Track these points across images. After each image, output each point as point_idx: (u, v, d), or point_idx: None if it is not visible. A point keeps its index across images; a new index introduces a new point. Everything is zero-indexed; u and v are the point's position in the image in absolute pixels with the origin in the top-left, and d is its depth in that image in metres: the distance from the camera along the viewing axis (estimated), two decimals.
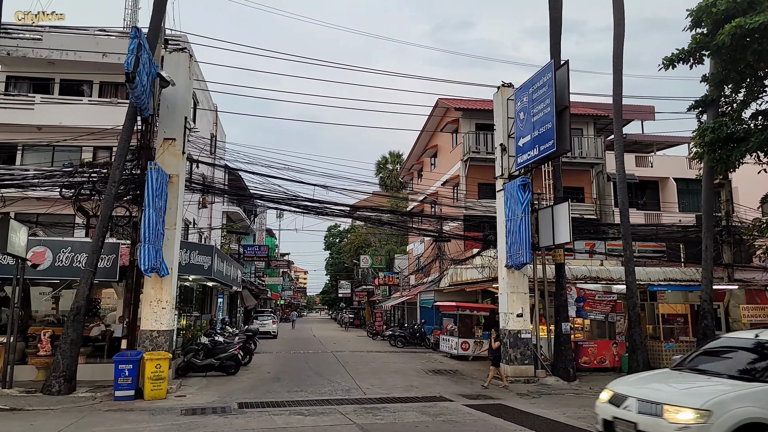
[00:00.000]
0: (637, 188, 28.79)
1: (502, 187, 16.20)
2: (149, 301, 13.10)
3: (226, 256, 20.48)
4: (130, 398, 11.91)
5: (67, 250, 13.83)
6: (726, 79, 16.09)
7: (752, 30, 13.40)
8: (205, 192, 17.06)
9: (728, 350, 7.56)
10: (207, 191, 17.03)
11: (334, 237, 70.47)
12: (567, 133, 14.04)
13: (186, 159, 14.26)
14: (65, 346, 12.34)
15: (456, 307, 21.33)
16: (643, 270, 19.14)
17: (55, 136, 19.56)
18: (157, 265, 12.47)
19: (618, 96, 17.83)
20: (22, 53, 20.30)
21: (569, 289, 16.63)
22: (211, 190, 17.87)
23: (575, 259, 20.25)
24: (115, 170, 12.84)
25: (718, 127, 15.57)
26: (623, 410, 6.64)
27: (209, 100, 28.12)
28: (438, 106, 28.79)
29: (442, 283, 25.32)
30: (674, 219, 25.46)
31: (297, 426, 9.59)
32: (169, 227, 13.32)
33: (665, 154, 31.84)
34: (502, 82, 16.96)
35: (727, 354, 7.48)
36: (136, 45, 11.31)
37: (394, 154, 48.40)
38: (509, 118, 16.54)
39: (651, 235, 22.20)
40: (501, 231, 16.10)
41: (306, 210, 17.30)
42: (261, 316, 33.54)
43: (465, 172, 26.24)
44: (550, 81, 14.28)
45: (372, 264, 42.73)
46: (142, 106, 12.58)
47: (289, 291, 78.09)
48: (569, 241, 14.99)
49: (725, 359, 7.34)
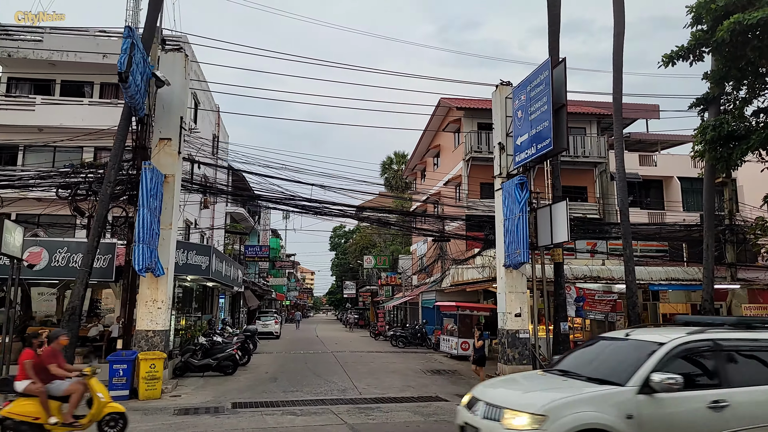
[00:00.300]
0: (641, 187, 28.60)
1: (500, 186, 16.10)
2: (145, 301, 13.10)
3: (225, 257, 20.49)
4: (124, 398, 11.91)
5: (63, 250, 13.87)
6: (726, 76, 15.93)
7: (751, 26, 13.24)
8: (202, 192, 17.03)
9: (598, 350, 7.03)
10: (204, 191, 17.01)
11: (339, 237, 70.53)
12: (564, 131, 13.92)
13: (182, 159, 14.23)
14: None
15: (456, 307, 21.25)
16: (645, 269, 19.00)
17: (56, 137, 19.64)
18: (152, 265, 12.47)
19: (618, 94, 17.64)
20: (23, 54, 20.41)
21: (568, 288, 16.52)
22: (209, 189, 17.86)
23: (576, 258, 20.12)
24: (110, 170, 12.85)
25: (719, 125, 15.42)
26: (472, 415, 6.20)
27: (211, 100, 28.17)
28: (440, 105, 28.72)
29: (444, 283, 25.24)
30: (678, 218, 25.26)
31: (287, 426, 9.56)
32: (165, 227, 13.32)
33: (669, 153, 31.59)
34: (501, 80, 16.86)
35: (596, 354, 6.94)
36: (129, 45, 11.31)
37: (399, 155, 48.34)
38: (507, 116, 16.44)
39: (653, 234, 22.01)
40: (499, 230, 16.00)
41: (304, 210, 17.26)
42: (264, 317, 33.58)
43: (467, 171, 26.15)
44: (547, 79, 14.17)
45: (375, 264, 42.69)
46: (136, 106, 12.58)
47: (294, 292, 78.21)
48: (567, 240, 14.88)
49: (592, 359, 6.79)
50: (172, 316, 16.08)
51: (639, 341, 6.48)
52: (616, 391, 5.70)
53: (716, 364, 6.05)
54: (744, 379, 5.98)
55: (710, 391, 5.81)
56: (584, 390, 5.87)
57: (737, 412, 5.69)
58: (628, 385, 5.71)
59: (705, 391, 5.81)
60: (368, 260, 43.34)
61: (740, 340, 6.33)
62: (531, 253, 15.60)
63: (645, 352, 6.05)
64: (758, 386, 5.94)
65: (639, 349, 6.22)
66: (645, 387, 5.65)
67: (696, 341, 6.18)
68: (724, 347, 6.15)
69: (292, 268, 74.93)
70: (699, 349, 6.17)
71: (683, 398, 5.71)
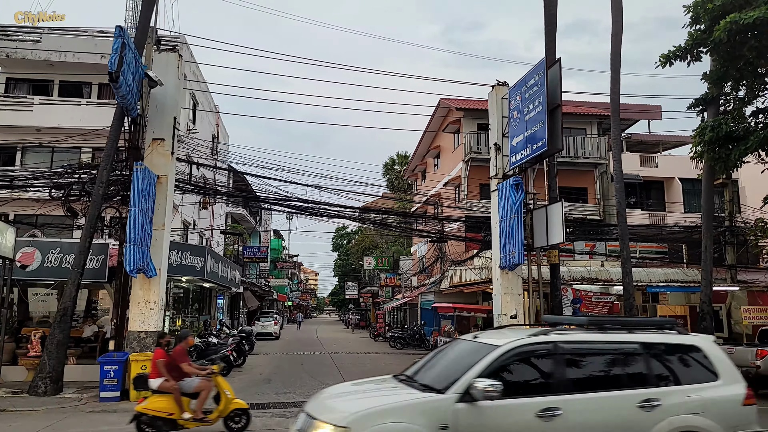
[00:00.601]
0: (642, 189, 28.43)
1: (496, 187, 16.00)
2: (137, 302, 13.04)
3: (221, 257, 20.47)
4: (116, 399, 11.88)
5: (56, 250, 13.85)
6: (725, 77, 15.80)
7: (748, 25, 13.12)
8: (197, 192, 17.01)
9: (447, 353, 6.41)
10: (200, 191, 16.98)
11: (341, 238, 70.48)
12: (559, 131, 13.83)
13: (175, 159, 14.19)
14: (51, 347, 12.33)
15: (453, 308, 21.16)
16: (644, 271, 18.87)
17: (54, 138, 19.67)
18: (143, 265, 12.42)
19: (615, 95, 17.55)
20: (21, 55, 20.47)
21: (565, 290, 16.42)
22: (205, 190, 17.83)
23: (575, 260, 20.02)
24: (102, 171, 12.84)
25: (717, 126, 15.30)
26: (293, 427, 5.71)
27: (210, 101, 28.18)
28: (440, 106, 28.65)
29: (443, 284, 25.16)
30: (680, 220, 25.08)
31: (275, 428, 9.50)
32: (158, 228, 13.26)
33: (671, 154, 31.37)
34: (497, 80, 16.77)
35: (442, 358, 6.34)
36: (120, 44, 11.27)
37: (402, 156, 48.32)
38: (503, 117, 16.35)
39: (653, 235, 21.87)
40: (495, 231, 15.90)
41: (300, 211, 17.21)
42: (263, 318, 33.58)
43: (466, 172, 26.07)
44: (542, 79, 14.07)
45: (376, 265, 42.63)
46: (128, 106, 12.55)
47: (297, 292, 78.22)
48: (563, 241, 14.79)
49: (436, 364, 6.22)
50: (166, 317, 16.08)
51: (479, 344, 5.91)
52: (432, 400, 5.22)
53: (554, 368, 5.55)
54: (584, 385, 5.54)
55: (542, 398, 5.28)
56: (402, 398, 5.40)
57: (570, 421, 5.19)
58: (448, 392, 5.20)
59: (536, 398, 5.29)
60: (369, 261, 43.29)
61: (586, 342, 5.84)
62: (527, 254, 15.51)
63: (479, 356, 5.53)
64: (597, 392, 5.46)
65: (474, 353, 5.68)
66: (466, 395, 5.12)
67: (534, 344, 5.64)
68: (566, 350, 5.64)
69: (294, 268, 74.93)
70: (536, 353, 5.64)
71: (510, 406, 5.22)
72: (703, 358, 5.81)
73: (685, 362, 5.84)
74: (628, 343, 5.81)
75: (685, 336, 6.10)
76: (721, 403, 5.60)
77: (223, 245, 31.54)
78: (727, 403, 5.63)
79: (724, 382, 5.70)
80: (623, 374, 5.64)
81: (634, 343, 5.78)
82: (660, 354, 5.79)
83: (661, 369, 5.71)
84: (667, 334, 6.02)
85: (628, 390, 5.47)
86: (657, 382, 5.58)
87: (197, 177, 22.16)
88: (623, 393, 5.46)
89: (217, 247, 29.22)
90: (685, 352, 5.87)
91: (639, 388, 5.49)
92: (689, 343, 5.95)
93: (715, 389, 5.64)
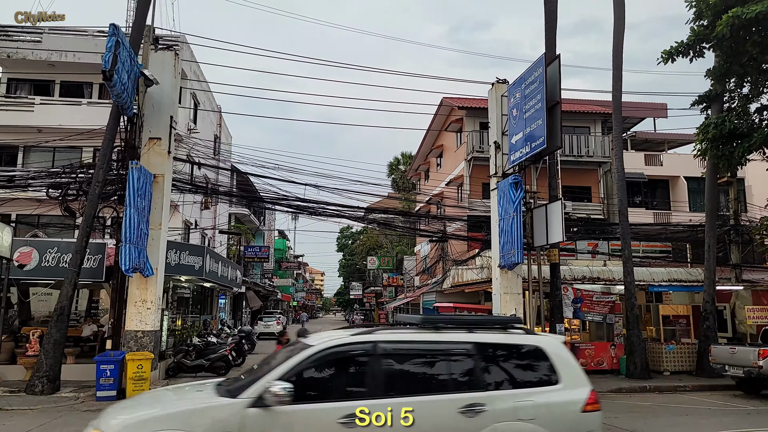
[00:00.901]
0: (646, 187, 28.19)
1: (495, 185, 15.87)
2: (134, 302, 13.02)
3: (221, 257, 20.43)
4: (112, 398, 11.83)
5: (53, 250, 13.84)
6: (728, 73, 15.61)
7: (751, 20, 12.94)
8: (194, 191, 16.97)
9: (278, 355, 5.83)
10: (197, 190, 16.95)
11: (346, 239, 70.43)
12: (558, 129, 13.68)
13: (172, 158, 14.15)
14: (48, 346, 12.32)
15: (453, 308, 21.02)
16: (647, 270, 18.64)
17: (55, 138, 19.69)
18: (140, 265, 12.38)
19: (617, 92, 17.39)
20: (22, 55, 20.52)
21: (565, 289, 16.24)
22: (201, 189, 17.79)
23: (577, 259, 19.81)
24: (99, 170, 12.81)
25: (720, 123, 15.11)
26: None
27: (212, 101, 28.17)
28: (443, 105, 28.52)
29: (445, 284, 25.01)
30: (685, 218, 24.82)
31: None
32: (155, 227, 13.23)
33: (676, 153, 31.09)
34: (497, 78, 16.63)
35: (271, 360, 5.82)
36: (114, 42, 11.25)
37: (407, 155, 48.24)
38: (503, 115, 16.21)
39: (656, 234, 21.64)
40: (494, 230, 15.76)
41: (299, 210, 17.14)
42: (266, 318, 33.55)
43: (469, 171, 25.92)
44: (541, 76, 13.91)
45: (379, 265, 42.54)
46: (124, 105, 12.52)
47: (302, 292, 78.24)
48: (562, 240, 14.63)
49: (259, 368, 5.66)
50: (165, 316, 16.05)
51: (299, 344, 5.52)
52: (219, 405, 4.84)
53: (371, 370, 5.09)
54: (403, 388, 5.08)
55: (349, 402, 4.86)
56: (189, 405, 5.04)
57: (376, 428, 4.78)
58: (240, 397, 4.81)
59: (341, 403, 4.86)
60: (372, 261, 43.19)
61: (410, 342, 5.40)
62: (527, 253, 15.36)
63: (289, 357, 5.19)
64: (415, 396, 4.99)
65: (288, 355, 5.29)
66: (259, 399, 4.73)
67: (350, 344, 5.19)
68: (387, 351, 5.17)
69: (299, 268, 74.95)
70: (352, 354, 5.19)
71: (309, 411, 4.83)
72: (545, 360, 5.37)
73: (523, 364, 5.45)
74: (460, 343, 5.36)
75: (528, 336, 5.68)
76: (557, 408, 5.19)
77: (226, 245, 31.54)
78: (563, 409, 5.23)
79: (565, 386, 5.29)
80: (449, 377, 5.22)
81: (467, 344, 5.32)
82: (496, 355, 5.39)
83: (495, 371, 5.31)
84: (509, 334, 5.59)
85: (452, 394, 5.05)
86: (486, 385, 5.16)
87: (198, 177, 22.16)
88: (445, 397, 5.03)
89: (220, 246, 29.22)
90: (526, 353, 5.47)
91: (466, 392, 5.07)
92: (531, 343, 5.52)
93: (553, 394, 5.22)
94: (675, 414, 11.08)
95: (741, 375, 13.04)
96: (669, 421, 10.38)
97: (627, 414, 10.90)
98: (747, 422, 10.32)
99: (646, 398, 13.13)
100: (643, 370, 15.48)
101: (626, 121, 29.63)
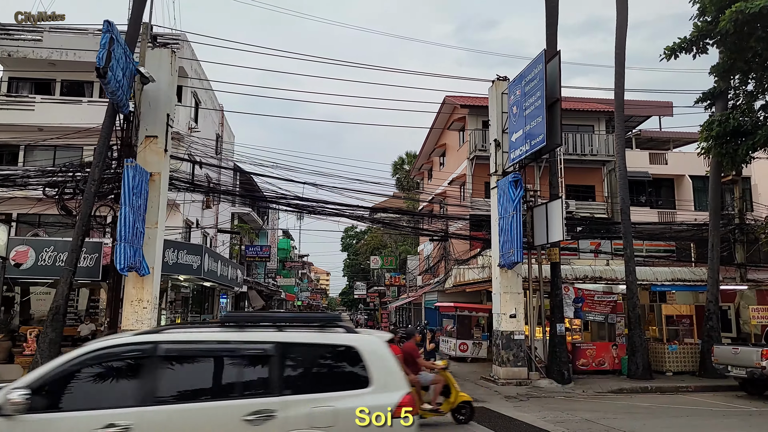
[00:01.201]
0: (651, 186, 27.93)
1: (495, 184, 15.72)
2: (130, 301, 12.92)
3: (220, 256, 20.36)
4: None
5: (49, 249, 13.81)
6: (732, 69, 15.37)
7: (755, 15, 12.70)
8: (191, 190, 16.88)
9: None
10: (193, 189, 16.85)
11: (350, 238, 70.32)
12: (558, 126, 13.52)
13: (169, 157, 14.07)
14: (44, 345, 12.20)
15: (454, 307, 20.88)
16: (650, 270, 18.44)
17: (56, 137, 19.67)
18: (135, 264, 12.29)
19: (620, 89, 17.22)
20: (23, 54, 20.50)
21: (566, 289, 16.07)
22: (202, 188, 17.71)
23: (579, 258, 19.63)
24: (95, 168, 12.70)
25: (724, 120, 14.91)
26: None
27: (214, 99, 28.11)
28: (445, 103, 28.36)
29: (447, 283, 24.84)
30: (690, 218, 24.56)
31: None
32: (151, 226, 13.13)
33: (681, 151, 30.79)
34: (497, 75, 16.48)
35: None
36: (108, 39, 11.17)
37: (411, 155, 48.06)
38: (503, 112, 16.06)
39: (659, 233, 21.40)
40: (494, 229, 15.61)
41: (297, 208, 17.04)
42: None
43: (471, 170, 25.72)
44: (540, 73, 13.76)
45: (382, 265, 42.37)
46: (119, 103, 12.41)
47: (306, 292, 78.20)
48: (562, 239, 14.48)
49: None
50: (163, 315, 16.00)
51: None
52: None
53: (147, 374, 4.63)
54: (181, 394, 4.63)
55: (110, 411, 4.40)
56: None
57: None
58: None
59: (101, 411, 4.39)
60: (375, 261, 43.03)
61: (198, 342, 4.92)
62: (527, 252, 15.21)
63: None
64: (194, 402, 4.60)
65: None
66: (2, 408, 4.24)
67: (124, 346, 4.73)
68: (169, 353, 4.71)
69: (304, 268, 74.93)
70: (125, 356, 4.72)
71: (58, 421, 4.36)
72: (357, 361, 4.91)
73: (333, 366, 5.05)
74: (258, 343, 4.89)
75: (344, 335, 5.12)
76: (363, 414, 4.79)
77: (229, 245, 31.48)
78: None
79: (376, 389, 4.81)
80: (240, 381, 4.77)
81: (266, 344, 4.85)
82: (301, 356, 4.97)
83: (298, 374, 4.92)
84: (322, 333, 5.10)
85: (240, 400, 4.61)
86: (283, 389, 4.71)
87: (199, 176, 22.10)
88: (230, 403, 4.60)
89: (222, 246, 29.15)
90: (338, 354, 5.03)
91: (257, 397, 4.65)
92: (344, 343, 5.03)
93: (359, 398, 4.76)
94: (674, 415, 10.89)
95: (744, 376, 12.84)
96: (667, 422, 10.20)
97: (625, 415, 10.73)
98: (748, 424, 10.14)
99: (646, 399, 12.94)
100: (644, 370, 15.28)
101: (631, 120, 29.39)
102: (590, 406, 11.49)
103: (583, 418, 10.13)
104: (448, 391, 9.39)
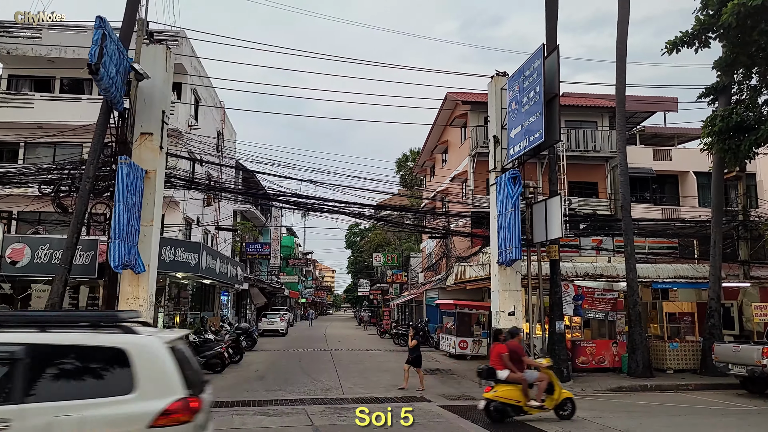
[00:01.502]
0: (655, 183, 27.66)
1: (494, 180, 15.58)
2: (126, 299, 12.86)
3: (219, 254, 20.32)
4: None
5: (45, 246, 13.79)
6: (735, 63, 15.16)
7: (757, 8, 12.51)
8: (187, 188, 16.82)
9: None
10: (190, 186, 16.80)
11: (354, 236, 70.25)
12: (556, 122, 13.36)
13: (165, 154, 14.00)
14: None
15: (454, 305, 20.76)
16: (652, 267, 18.24)
17: (55, 134, 19.66)
18: (130, 261, 12.25)
19: (621, 84, 17.00)
20: (22, 51, 20.49)
21: (566, 286, 15.92)
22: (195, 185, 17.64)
23: (581, 255, 19.46)
24: (89, 166, 12.64)
25: (727, 115, 14.71)
26: None
27: (215, 97, 28.05)
28: (447, 100, 28.19)
29: (448, 281, 24.73)
30: (694, 214, 24.31)
31: (252, 426, 9.28)
32: (146, 224, 13.06)
33: (686, 147, 30.47)
34: (496, 71, 16.31)
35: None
36: (101, 35, 11.07)
37: (415, 152, 47.92)
38: (503, 108, 15.90)
39: (662, 230, 21.18)
40: (493, 226, 15.46)
41: (295, 206, 16.97)
42: (270, 315, 33.49)
43: (473, 167, 25.55)
44: (539, 68, 13.58)
45: (384, 262, 42.27)
46: (113, 100, 12.35)
47: (310, 289, 78.24)
48: (561, 236, 14.33)
49: None
50: (160, 313, 15.95)
51: None
52: None
53: None
54: None
55: None
56: None
57: None
58: None
59: None
60: (377, 258, 42.94)
61: None
62: (526, 249, 15.06)
63: None
64: None
65: None
66: None
67: None
68: None
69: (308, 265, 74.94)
70: None
71: None
72: (125, 364, 4.49)
73: (93, 370, 4.59)
74: (4, 345, 4.46)
75: (114, 336, 4.66)
76: (116, 424, 4.36)
77: (231, 242, 31.46)
78: (124, 425, 4.38)
79: (140, 395, 4.42)
80: None
81: (14, 345, 4.41)
82: (57, 360, 4.51)
83: (47, 379, 4.45)
84: (88, 334, 4.67)
85: None
86: (24, 397, 4.25)
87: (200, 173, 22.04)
88: None
89: (224, 243, 29.13)
90: (103, 357, 4.59)
91: None
92: (112, 345, 4.59)
93: (114, 406, 4.37)
94: (672, 414, 10.75)
95: (744, 374, 12.67)
96: (665, 421, 10.06)
97: (623, 413, 10.61)
98: (746, 423, 10.00)
99: (645, 397, 12.79)
100: (645, 368, 15.12)
101: (635, 116, 29.11)
102: (588, 405, 11.35)
103: (579, 416, 10.00)
104: (552, 389, 9.78)
